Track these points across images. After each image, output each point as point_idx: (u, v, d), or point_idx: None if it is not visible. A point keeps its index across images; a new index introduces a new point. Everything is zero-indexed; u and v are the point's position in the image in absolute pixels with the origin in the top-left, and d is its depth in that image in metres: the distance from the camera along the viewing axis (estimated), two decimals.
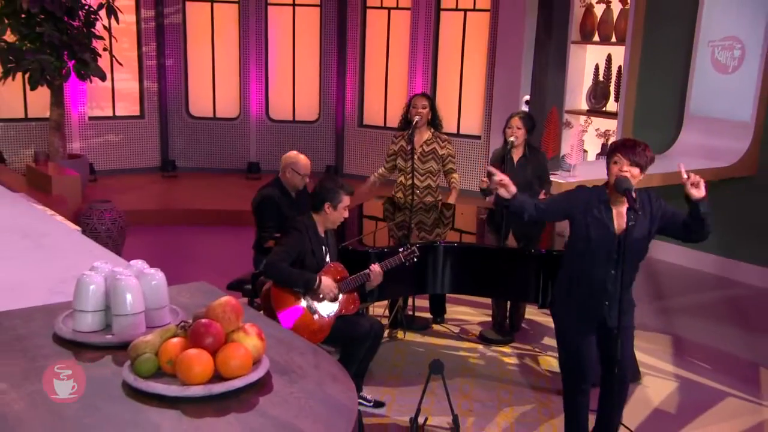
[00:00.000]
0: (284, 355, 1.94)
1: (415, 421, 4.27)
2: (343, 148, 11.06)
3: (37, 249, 3.20)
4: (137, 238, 7.56)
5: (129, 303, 2.03)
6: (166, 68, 10.82)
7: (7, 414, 1.64)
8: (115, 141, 10.71)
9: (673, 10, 7.66)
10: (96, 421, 1.62)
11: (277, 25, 10.95)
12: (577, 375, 3.87)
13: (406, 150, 5.59)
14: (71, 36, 8.75)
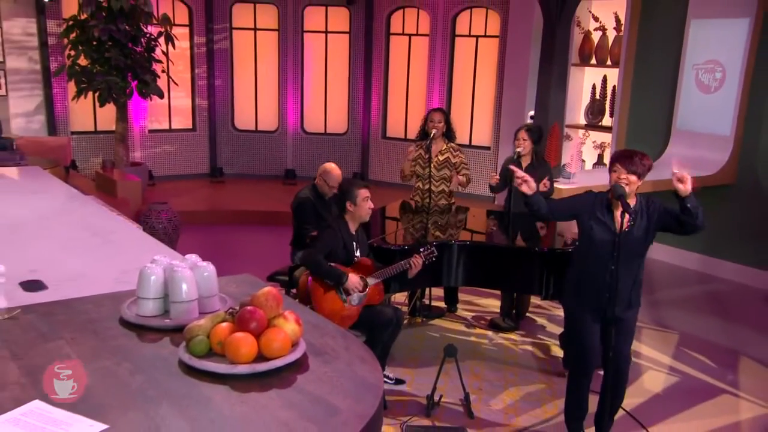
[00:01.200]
0: (319, 339, 1.95)
1: (431, 397, 4.28)
2: (368, 157, 11.06)
3: (105, 244, 3.23)
4: (189, 235, 7.62)
5: (184, 291, 2.05)
6: (215, 87, 10.89)
7: (81, 385, 1.66)
8: (170, 151, 10.78)
9: (661, 36, 7.64)
10: (157, 394, 1.64)
11: (311, 49, 10.98)
12: (581, 359, 3.86)
13: (423, 158, 5.59)
14: (134, 60, 8.84)
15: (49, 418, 1.51)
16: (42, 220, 3.62)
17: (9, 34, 9.46)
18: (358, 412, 1.58)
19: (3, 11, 9.36)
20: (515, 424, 4.22)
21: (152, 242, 3.38)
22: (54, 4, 9.60)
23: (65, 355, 1.82)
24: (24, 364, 1.77)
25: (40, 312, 2.12)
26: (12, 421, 1.50)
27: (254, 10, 10.82)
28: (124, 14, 8.63)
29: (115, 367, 1.78)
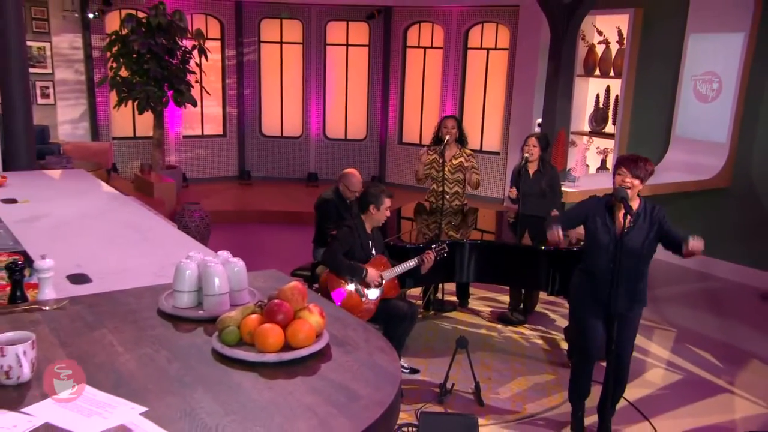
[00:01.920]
0: (341, 331, 1.95)
1: (444, 386, 4.28)
2: (385, 161, 11.07)
3: (143, 241, 3.25)
4: (219, 233, 7.67)
5: (217, 285, 2.05)
6: (244, 96, 10.95)
7: (122, 371, 1.68)
8: (202, 155, 10.85)
9: (661, 49, 7.61)
10: (192, 380, 1.65)
11: (333, 61, 11.01)
12: (584, 349, 3.85)
13: (438, 162, 5.58)
14: (171, 71, 8.92)
15: (94, 401, 1.53)
16: (86, 218, 3.64)
17: (58, 48, 9.58)
18: (377, 399, 1.58)
19: (53, 27, 9.48)
20: (523, 411, 4.21)
21: (186, 239, 3.39)
22: (98, 21, 9.71)
23: (108, 343, 1.84)
24: (71, 350, 1.79)
25: (85, 303, 2.13)
26: (60, 402, 1.52)
27: (281, 25, 10.87)
28: (162, 29, 8.71)
29: (154, 354, 1.79)
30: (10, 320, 1.95)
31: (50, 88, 9.59)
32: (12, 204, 3.76)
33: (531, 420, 4.12)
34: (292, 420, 1.48)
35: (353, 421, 1.48)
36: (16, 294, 2.13)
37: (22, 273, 2.14)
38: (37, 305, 2.08)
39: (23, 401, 1.52)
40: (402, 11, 10.52)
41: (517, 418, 4.13)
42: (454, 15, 10.09)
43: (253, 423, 1.46)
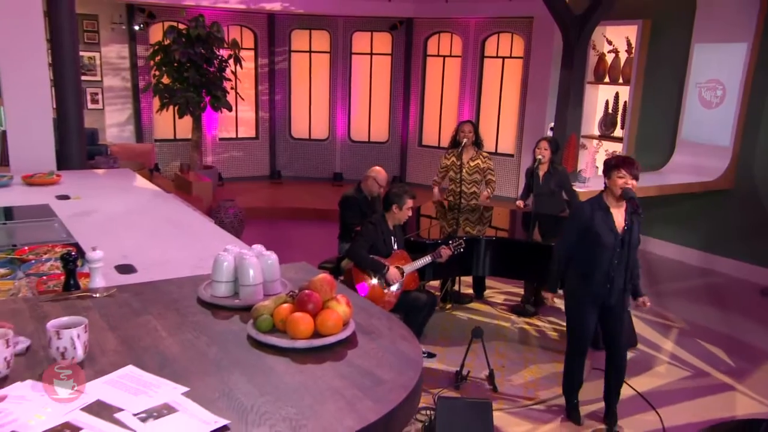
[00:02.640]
0: (366, 320, 1.95)
1: (460, 372, 4.28)
2: (406, 163, 11.06)
3: (183, 235, 3.27)
4: (252, 228, 7.72)
5: (252, 276, 2.06)
6: (275, 102, 11.01)
7: (166, 354, 1.70)
8: (237, 156, 10.93)
9: (668, 58, 7.53)
10: (229, 363, 1.66)
11: (358, 69, 11.02)
12: (578, 340, 3.83)
13: (456, 164, 5.57)
14: (208, 78, 8.99)
15: (140, 381, 1.55)
16: (131, 214, 3.68)
17: (106, 58, 9.71)
18: (400, 384, 1.58)
19: (102, 38, 9.61)
20: (534, 397, 4.20)
21: (222, 233, 3.40)
22: (143, 32, 9.82)
23: (153, 328, 1.86)
24: (119, 334, 1.81)
25: (132, 291, 2.15)
26: (111, 382, 1.55)
27: (310, 35, 10.90)
28: (201, 40, 8.79)
29: (194, 339, 1.80)
30: (65, 306, 1.99)
31: (99, 94, 9.72)
32: (65, 200, 3.81)
33: (541, 406, 4.10)
34: (321, 402, 1.48)
35: (378, 404, 1.48)
36: (69, 282, 2.15)
37: (75, 263, 2.16)
38: (89, 293, 2.11)
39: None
40: (423, 22, 10.50)
41: (529, 404, 4.12)
42: (471, 26, 10.04)
43: (285, 403, 1.47)
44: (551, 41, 8.81)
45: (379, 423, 1.43)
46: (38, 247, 2.72)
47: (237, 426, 1.37)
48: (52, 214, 3.41)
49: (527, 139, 9.38)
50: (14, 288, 2.24)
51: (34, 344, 1.70)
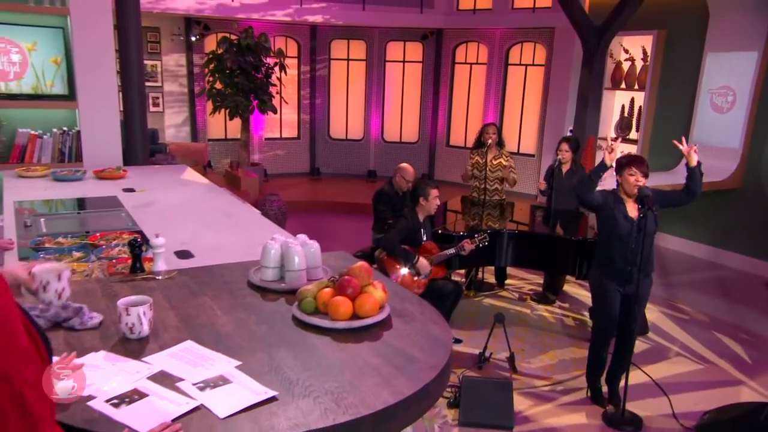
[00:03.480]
0: (400, 304, 1.96)
1: (483, 354, 4.26)
2: (434, 161, 11.02)
3: (235, 225, 3.29)
4: (294, 219, 7.76)
5: (296, 262, 2.07)
6: (316, 105, 11.05)
7: (221, 331, 1.73)
8: (281, 154, 11.02)
9: (681, 66, 7.36)
10: (277, 341, 1.69)
11: (391, 75, 11.00)
12: (607, 329, 3.75)
13: (480, 163, 5.54)
14: (256, 84, 9.07)
15: (198, 354, 1.59)
16: (188, 205, 3.71)
17: (166, 66, 9.87)
18: (432, 363, 1.58)
19: (163, 48, 9.77)
20: (551, 378, 4.16)
21: (269, 224, 3.41)
22: (198, 43, 9.95)
23: (209, 308, 1.89)
24: (179, 312, 1.84)
25: (190, 275, 2.18)
26: (172, 355, 1.58)
27: (348, 45, 10.91)
28: (250, 49, 8.87)
29: (245, 318, 1.83)
30: (132, 287, 2.03)
31: (160, 98, 9.89)
32: (131, 192, 3.86)
33: (557, 387, 4.06)
34: (360, 377, 1.49)
35: (412, 381, 1.49)
36: (135, 265, 2.19)
37: (140, 248, 2.20)
38: (152, 275, 2.15)
39: (143, 352, 1.59)
40: (452, 33, 10.42)
41: (546, 384, 4.08)
42: (497, 36, 9.93)
43: (327, 378, 1.48)
44: (571, 50, 8.66)
45: (413, 398, 1.43)
46: (108, 234, 2.77)
47: (284, 397, 1.39)
48: (120, 205, 3.46)
49: (547, 140, 9.27)
50: (88, 270, 2.29)
51: (106, 320, 1.75)
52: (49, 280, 1.56)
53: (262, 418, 1.31)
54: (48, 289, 1.56)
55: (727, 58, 6.86)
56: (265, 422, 1.30)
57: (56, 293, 1.57)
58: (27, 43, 4.51)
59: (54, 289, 1.57)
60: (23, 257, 2.46)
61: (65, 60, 4.66)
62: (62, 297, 1.60)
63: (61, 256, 2.45)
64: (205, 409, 1.34)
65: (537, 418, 3.69)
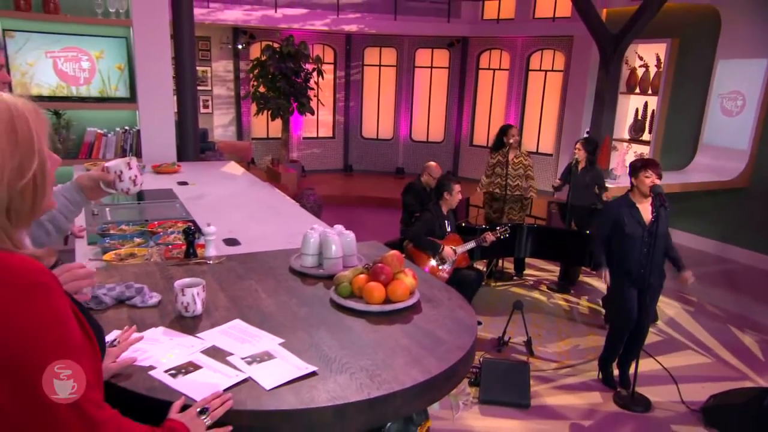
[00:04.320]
0: (428, 290, 1.95)
1: (502, 338, 4.23)
2: (459, 159, 10.93)
3: (277, 215, 3.30)
4: (328, 212, 7.77)
5: (333, 250, 2.07)
6: (349, 107, 11.06)
7: (266, 312, 1.74)
8: (317, 152, 11.07)
9: (693, 72, 7.16)
10: (317, 321, 1.69)
11: (419, 80, 10.94)
12: (625, 325, 3.66)
13: (502, 162, 5.48)
14: (296, 88, 9.11)
15: (246, 332, 1.60)
16: (235, 197, 3.73)
17: (216, 71, 9.99)
18: (458, 345, 1.57)
19: (213, 55, 9.89)
20: (564, 362, 4.11)
21: (307, 215, 3.41)
22: (245, 50, 10.04)
23: (254, 290, 1.89)
24: (228, 294, 1.86)
25: (237, 260, 2.19)
26: (222, 331, 1.60)
27: (380, 52, 10.89)
28: (291, 56, 8.91)
29: (287, 300, 1.83)
30: (186, 270, 2.06)
31: (209, 100, 10.02)
32: (184, 186, 3.90)
33: (571, 370, 4.01)
34: (392, 356, 1.49)
35: (440, 361, 1.48)
36: (189, 251, 2.22)
37: (193, 236, 2.22)
38: (204, 260, 2.16)
39: (197, 328, 1.61)
40: (476, 40, 10.31)
41: (560, 367, 4.03)
42: (519, 43, 9.79)
43: (362, 356, 1.48)
44: (588, 57, 8.50)
45: (441, 376, 1.43)
46: (164, 222, 2.80)
47: (323, 372, 1.40)
48: (174, 197, 3.50)
49: (565, 141, 9.12)
50: (147, 254, 2.34)
51: (164, 299, 1.78)
52: (121, 169, 1.61)
53: (303, 391, 1.32)
54: (123, 178, 1.62)
55: (737, 64, 6.66)
56: (306, 394, 1.31)
57: (131, 180, 1.62)
58: (95, 51, 4.60)
59: (128, 177, 1.62)
60: (91, 242, 2.52)
61: (128, 66, 4.75)
62: (137, 183, 1.64)
63: (123, 241, 2.50)
64: (252, 381, 1.35)
65: (551, 398, 3.65)
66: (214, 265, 2.12)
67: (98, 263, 2.24)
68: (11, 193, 0.94)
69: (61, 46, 4.47)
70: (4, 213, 0.94)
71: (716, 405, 3.45)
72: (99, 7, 4.53)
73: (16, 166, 0.94)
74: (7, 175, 0.93)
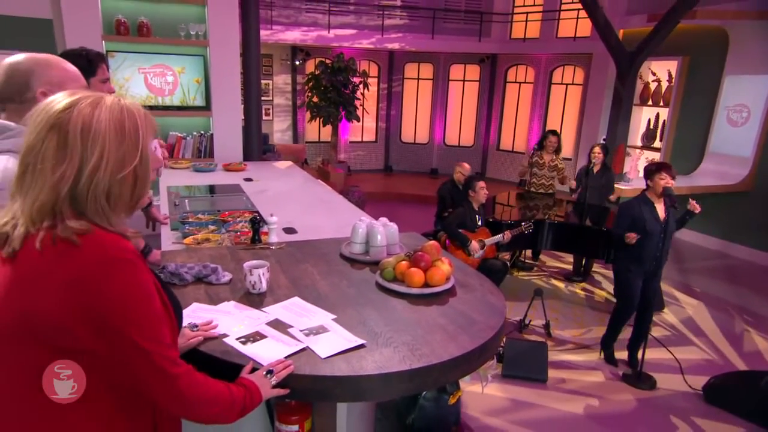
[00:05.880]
0: (462, 277, 1.92)
1: (523, 321, 4.15)
2: (486, 162, 10.77)
3: (329, 208, 3.30)
4: (370, 207, 7.80)
5: (379, 240, 2.06)
6: (391, 115, 11.03)
7: (320, 291, 1.74)
8: (361, 154, 11.09)
9: (702, 87, 6.85)
10: (365, 301, 1.68)
11: (453, 92, 10.81)
12: (628, 306, 3.59)
13: (539, 163, 5.42)
14: (344, 98, 9.14)
15: (303, 308, 1.61)
16: (292, 192, 3.75)
17: (276, 84, 10.12)
18: (490, 325, 1.55)
19: (274, 70, 10.01)
20: (579, 342, 4.01)
21: (355, 209, 3.40)
22: (301, 66, 10.13)
23: (310, 273, 1.90)
24: (288, 275, 1.87)
25: (295, 246, 2.20)
26: (284, 307, 1.61)
27: (418, 67, 10.81)
28: (341, 71, 8.94)
29: (339, 282, 1.83)
30: (252, 254, 2.07)
31: (270, 109, 10.17)
32: (249, 182, 3.95)
33: (585, 350, 3.91)
34: (430, 333, 1.48)
35: (472, 339, 1.46)
36: (254, 237, 2.24)
37: (258, 224, 2.25)
38: (267, 245, 2.18)
39: (262, 304, 1.62)
40: (504, 57, 10.11)
41: (575, 348, 3.93)
42: (543, 60, 9.56)
43: (404, 332, 1.47)
44: (606, 72, 8.23)
45: (474, 352, 1.41)
46: (233, 213, 2.84)
47: (370, 345, 1.39)
48: (241, 191, 3.53)
49: (583, 147, 8.85)
50: (220, 239, 2.38)
51: (234, 278, 1.81)
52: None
53: (353, 360, 1.32)
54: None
55: (743, 80, 6.35)
56: (356, 363, 1.31)
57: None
58: (178, 67, 4.73)
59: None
60: (174, 228, 2.58)
61: (204, 80, 4.86)
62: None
63: (200, 228, 2.55)
64: (310, 350, 1.36)
65: (566, 374, 3.57)
66: (275, 250, 2.13)
67: (180, 246, 2.30)
68: (111, 181, 0.96)
69: (151, 64, 4.61)
70: (104, 197, 0.96)
71: (716, 384, 3.33)
72: (182, 31, 4.65)
73: (120, 159, 0.96)
74: (111, 164, 0.96)
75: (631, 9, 7.73)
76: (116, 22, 4.44)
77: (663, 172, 3.33)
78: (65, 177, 0.92)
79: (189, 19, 4.72)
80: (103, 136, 0.94)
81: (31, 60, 1.30)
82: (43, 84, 1.28)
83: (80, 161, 0.93)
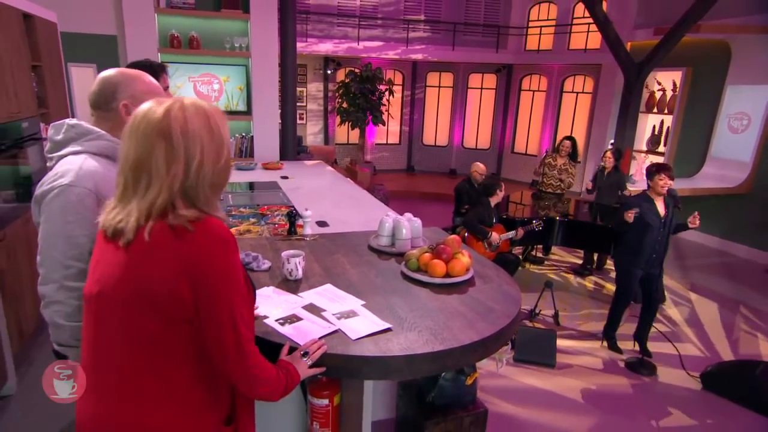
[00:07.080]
0: (481, 268, 1.89)
1: (534, 310, 4.09)
2: (502, 164, 10.62)
3: (357, 204, 3.31)
4: (394, 203, 7.77)
5: (404, 233, 2.04)
6: (414, 120, 10.96)
7: (350, 279, 1.74)
8: (386, 155, 11.06)
9: (704, 96, 6.61)
10: (390, 289, 1.67)
11: (471, 99, 10.68)
12: (626, 296, 3.51)
13: (552, 165, 5.32)
14: (371, 104, 9.13)
15: (335, 294, 1.61)
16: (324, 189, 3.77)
17: (309, 91, 10.16)
18: (506, 313, 1.52)
19: (308, 79, 10.04)
20: (585, 331, 3.92)
21: (381, 204, 3.39)
22: (332, 74, 10.14)
23: (341, 263, 1.89)
24: (322, 264, 1.87)
25: (327, 238, 2.20)
26: (318, 293, 1.62)
27: (439, 76, 10.70)
28: (368, 79, 8.93)
29: (367, 271, 1.83)
30: (289, 244, 2.08)
31: (304, 114, 10.22)
32: (285, 179, 3.99)
33: (591, 338, 3.82)
34: (451, 319, 1.46)
35: (490, 325, 1.43)
36: (291, 230, 2.24)
37: (294, 218, 2.25)
38: (302, 237, 2.18)
39: (298, 289, 1.63)
40: (519, 67, 9.93)
41: (582, 336, 3.85)
42: (555, 70, 9.35)
43: (426, 318, 1.46)
44: (613, 82, 8.01)
45: (491, 337, 1.38)
46: (272, 207, 2.87)
47: (396, 329, 1.39)
48: (278, 187, 3.57)
49: (591, 151, 8.65)
50: (260, 231, 2.40)
51: (273, 265, 1.82)
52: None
53: (381, 342, 1.32)
54: None
55: (745, 89, 6.11)
56: (383, 345, 1.30)
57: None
58: (223, 76, 4.79)
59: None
60: None
61: (246, 87, 4.91)
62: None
63: (242, 220, 2.58)
64: (341, 332, 1.36)
65: (574, 360, 3.50)
66: (310, 241, 2.14)
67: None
68: (214, 172, 1.00)
69: (200, 73, 4.69)
70: (208, 187, 1.00)
71: (714, 372, 3.22)
72: (227, 43, 4.71)
73: (215, 151, 1.01)
74: (211, 158, 1.00)
75: (639, 23, 7.51)
76: (170, 36, 4.52)
77: (662, 173, 3.27)
78: (177, 176, 0.97)
79: (233, 33, 4.78)
80: (199, 134, 0.98)
81: (120, 74, 1.33)
82: (127, 97, 1.31)
83: (186, 160, 0.97)
